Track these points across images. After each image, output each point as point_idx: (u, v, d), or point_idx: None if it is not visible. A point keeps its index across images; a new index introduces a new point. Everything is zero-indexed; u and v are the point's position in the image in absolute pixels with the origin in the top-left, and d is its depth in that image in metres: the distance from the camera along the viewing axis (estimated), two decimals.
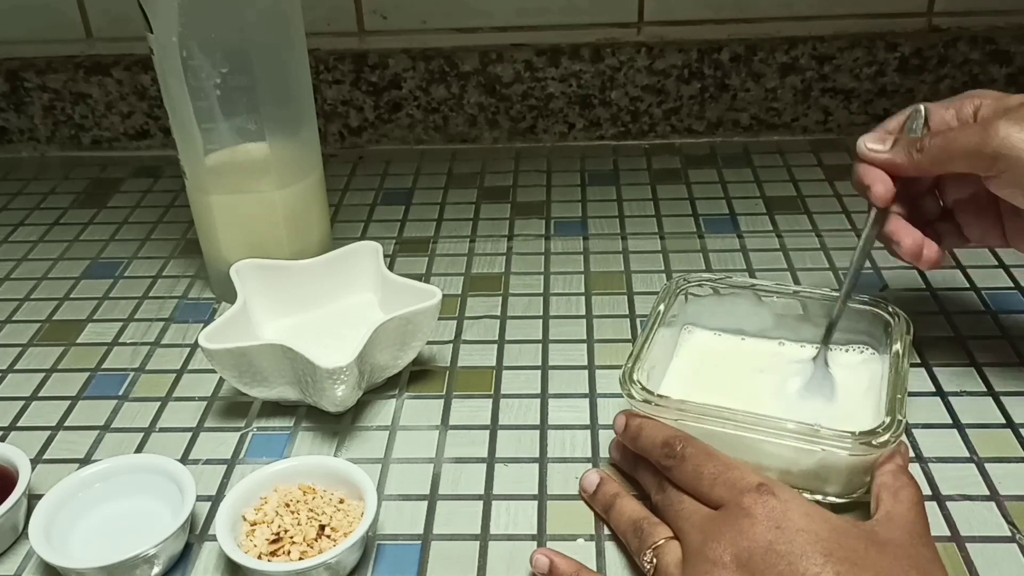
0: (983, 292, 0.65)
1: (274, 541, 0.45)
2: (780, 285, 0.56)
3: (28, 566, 0.47)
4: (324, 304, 0.62)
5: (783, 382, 0.52)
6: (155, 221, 0.80)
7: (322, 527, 0.46)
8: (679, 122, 0.89)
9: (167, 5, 0.56)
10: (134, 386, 0.60)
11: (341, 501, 0.48)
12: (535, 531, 0.48)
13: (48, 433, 0.56)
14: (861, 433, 0.45)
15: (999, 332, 0.61)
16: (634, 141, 0.90)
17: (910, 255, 0.52)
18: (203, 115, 0.59)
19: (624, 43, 0.86)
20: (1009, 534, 0.46)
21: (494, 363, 0.60)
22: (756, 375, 0.53)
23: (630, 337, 0.62)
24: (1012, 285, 0.66)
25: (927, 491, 0.49)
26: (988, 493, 0.49)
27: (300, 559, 0.44)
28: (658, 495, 0.46)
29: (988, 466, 0.50)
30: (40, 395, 0.59)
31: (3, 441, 0.54)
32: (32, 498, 0.49)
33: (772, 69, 0.85)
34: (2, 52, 0.90)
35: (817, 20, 0.85)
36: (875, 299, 0.54)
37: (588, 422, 0.55)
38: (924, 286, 0.66)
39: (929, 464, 0.51)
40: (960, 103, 0.52)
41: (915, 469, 0.50)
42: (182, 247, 0.76)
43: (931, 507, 0.47)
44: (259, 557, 0.44)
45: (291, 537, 0.45)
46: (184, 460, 0.53)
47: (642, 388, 0.48)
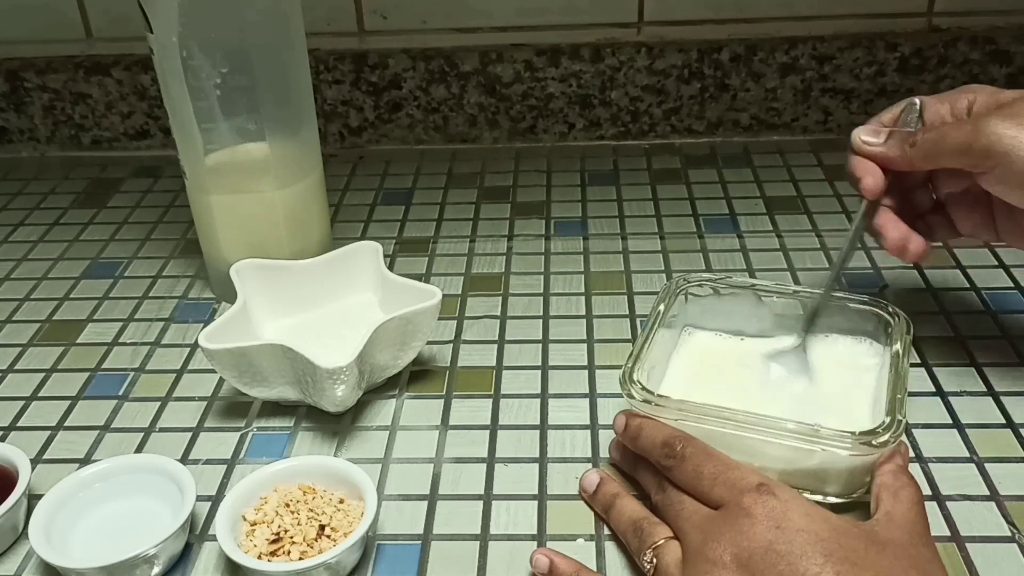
0: (983, 292, 0.65)
1: (274, 541, 0.45)
2: (780, 285, 0.56)
3: (28, 566, 0.47)
4: (324, 304, 0.62)
5: (766, 371, 0.53)
6: (155, 221, 0.80)
7: (322, 527, 0.46)
8: (679, 122, 0.89)
9: (167, 5, 0.56)
10: (134, 386, 0.60)
11: (341, 501, 0.48)
12: (535, 531, 0.48)
13: (48, 433, 0.56)
14: (861, 433, 0.45)
15: (999, 332, 0.61)
16: (634, 141, 0.90)
17: (894, 249, 0.53)
18: (203, 115, 0.59)
19: (624, 43, 0.86)
20: (1009, 534, 0.46)
21: (494, 363, 0.60)
22: (752, 373, 0.53)
23: (630, 337, 0.62)
24: (1012, 285, 0.66)
25: (927, 491, 0.49)
26: (988, 493, 0.49)
27: (300, 559, 0.44)
28: (658, 495, 0.46)
29: (988, 466, 0.50)
30: (40, 395, 0.59)
31: (3, 441, 0.54)
32: (32, 498, 0.49)
33: (772, 69, 0.85)
34: (2, 52, 0.90)
35: (817, 20, 0.85)
36: (875, 299, 0.54)
37: (588, 422, 0.55)
38: (924, 286, 0.66)
39: (929, 464, 0.51)
40: (955, 97, 0.52)
41: (915, 469, 0.50)
42: (182, 247, 0.76)
43: (931, 507, 0.47)
44: (259, 557, 0.44)
45: (291, 537, 0.45)
46: (184, 460, 0.53)
47: (642, 388, 0.48)
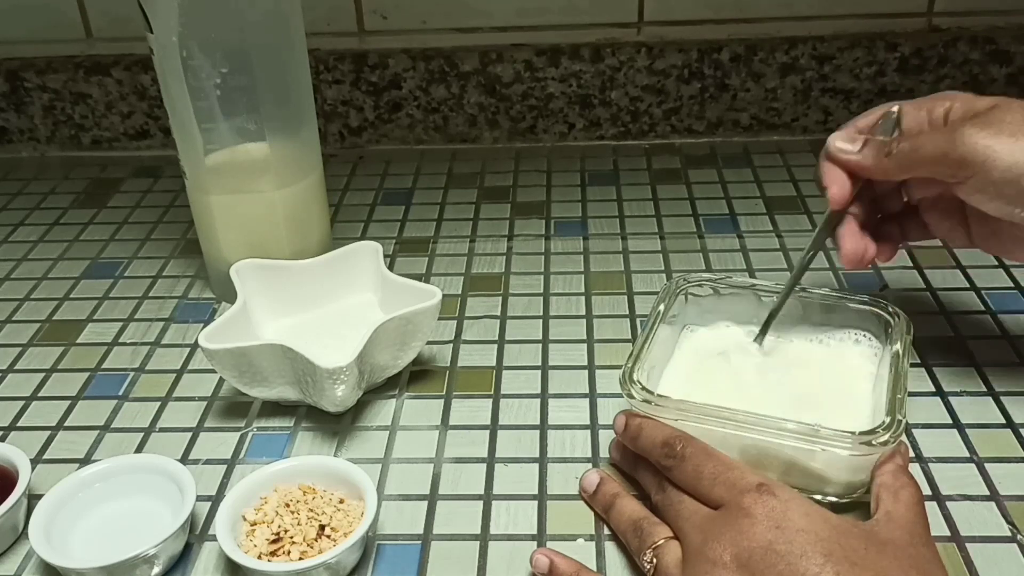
0: (983, 292, 0.65)
1: (274, 541, 0.45)
2: (780, 285, 0.56)
3: (28, 566, 0.47)
4: (324, 304, 0.62)
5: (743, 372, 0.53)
6: (155, 221, 0.80)
7: (322, 527, 0.46)
8: (679, 122, 0.89)
9: (167, 5, 0.56)
10: (134, 386, 0.60)
11: (341, 501, 0.48)
12: (535, 531, 0.48)
13: (48, 433, 0.56)
14: (861, 433, 0.45)
15: (999, 332, 0.61)
16: (634, 141, 0.90)
17: (848, 261, 0.52)
18: (203, 115, 0.59)
19: (624, 43, 0.86)
20: (1009, 534, 0.46)
21: (494, 363, 0.60)
22: (752, 372, 0.53)
23: (630, 337, 0.62)
24: (1012, 285, 0.66)
25: (927, 491, 0.49)
26: (988, 493, 0.49)
27: (300, 559, 0.44)
28: (658, 495, 0.46)
29: (988, 466, 0.50)
30: (40, 395, 0.59)
31: (3, 441, 0.54)
32: (32, 498, 0.49)
33: (772, 69, 0.85)
34: (2, 52, 0.90)
35: (817, 20, 0.85)
36: (875, 299, 0.54)
37: (588, 422, 0.55)
38: (924, 286, 0.66)
39: (929, 464, 0.51)
40: (932, 104, 0.51)
41: (915, 469, 0.50)
42: (182, 247, 0.76)
43: (931, 507, 0.47)
44: (259, 557, 0.44)
45: (291, 537, 0.45)
46: (184, 460, 0.53)
47: (642, 388, 0.48)
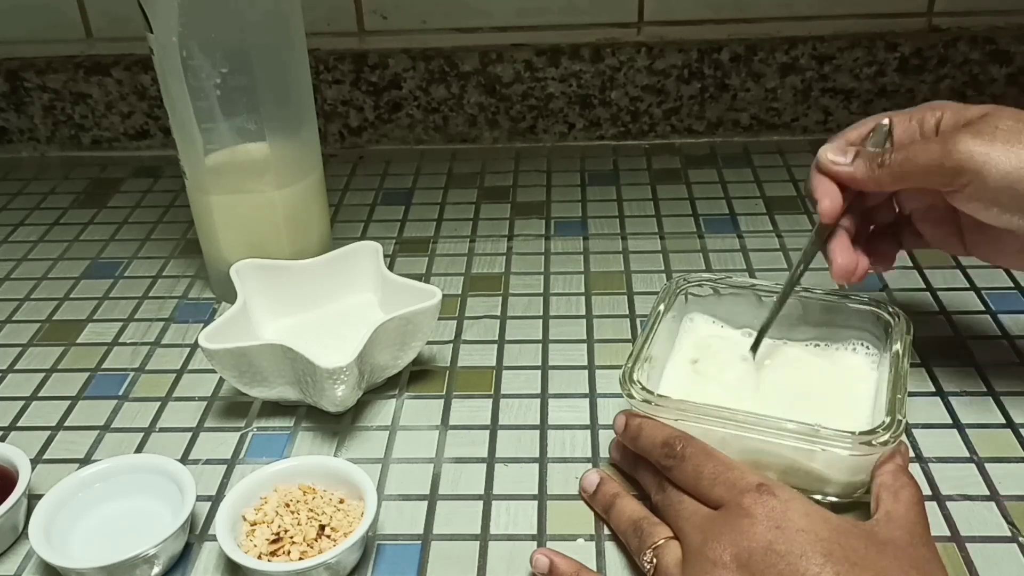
0: (983, 292, 0.65)
1: (274, 541, 0.45)
2: (780, 285, 0.56)
3: (28, 566, 0.47)
4: (324, 304, 0.62)
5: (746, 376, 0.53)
6: (155, 221, 0.80)
7: (322, 527, 0.46)
8: (679, 122, 0.89)
9: (167, 5, 0.56)
10: (134, 386, 0.60)
11: (341, 501, 0.48)
12: (535, 531, 0.48)
13: (48, 433, 0.56)
14: (861, 433, 0.45)
15: (999, 332, 0.61)
16: (634, 141, 0.90)
17: (837, 275, 0.51)
18: (203, 115, 0.59)
19: (624, 43, 0.86)
20: (1009, 534, 0.46)
21: (494, 363, 0.60)
22: (752, 371, 0.53)
23: (630, 337, 0.62)
24: (1012, 285, 0.66)
25: (927, 491, 0.49)
26: (988, 493, 0.49)
27: (300, 559, 0.44)
28: (658, 495, 0.46)
29: (988, 466, 0.50)
30: (40, 395, 0.59)
31: (3, 441, 0.54)
32: (32, 498, 0.49)
33: (772, 69, 0.85)
34: (2, 52, 0.90)
35: (817, 20, 0.85)
36: (875, 299, 0.54)
37: (588, 422, 0.55)
38: (924, 286, 0.66)
39: (929, 464, 0.51)
40: (922, 115, 0.50)
41: (915, 469, 0.50)
42: (182, 247, 0.76)
43: (931, 507, 0.47)
44: (259, 557, 0.44)
45: (291, 537, 0.45)
46: (184, 460, 0.53)
47: (642, 388, 0.48)
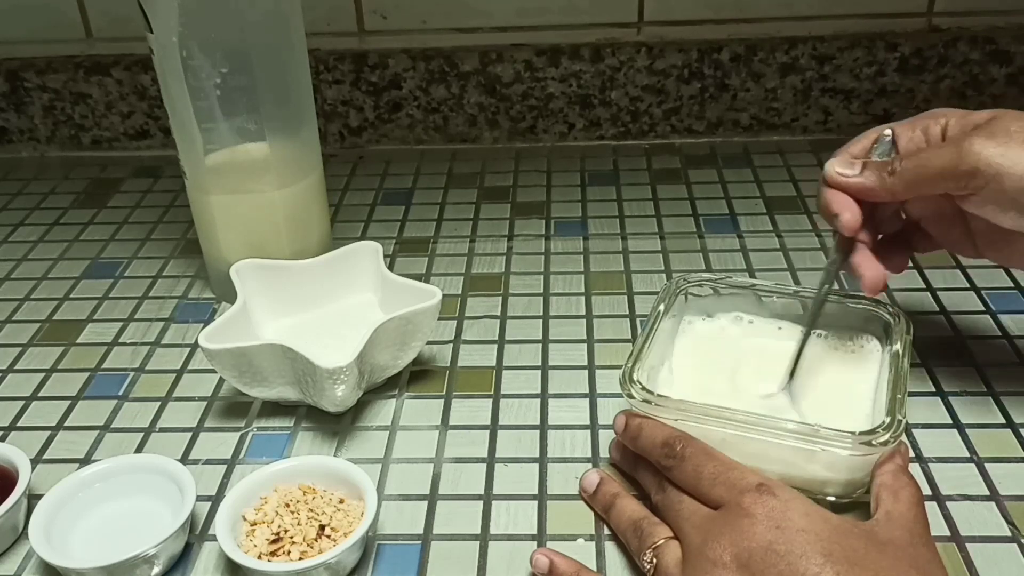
0: (983, 292, 0.65)
1: (274, 541, 0.45)
2: (780, 285, 0.56)
3: (28, 566, 0.47)
4: (324, 304, 0.62)
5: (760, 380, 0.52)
6: (155, 221, 0.80)
7: (322, 527, 0.46)
8: (679, 122, 0.89)
9: (167, 5, 0.56)
10: (134, 386, 0.60)
11: (341, 501, 0.48)
12: (535, 531, 0.48)
13: (48, 433, 0.56)
14: (861, 433, 0.45)
15: (999, 332, 0.61)
16: (634, 141, 0.90)
17: (872, 289, 0.51)
18: (203, 115, 0.59)
19: (624, 43, 0.86)
20: (1009, 534, 0.46)
21: (494, 363, 0.60)
22: (751, 370, 0.53)
23: (630, 337, 0.62)
24: (1012, 285, 0.66)
25: (927, 491, 0.49)
26: (988, 493, 0.49)
27: (300, 559, 0.44)
28: (658, 495, 0.46)
29: (988, 466, 0.50)
30: (40, 395, 0.59)
31: (3, 441, 0.54)
32: (32, 498, 0.49)
33: (772, 69, 0.85)
34: (2, 52, 0.90)
35: (817, 20, 0.85)
36: (875, 299, 0.54)
37: (588, 422, 0.55)
38: (924, 286, 0.66)
39: (929, 464, 0.51)
40: (925, 122, 0.50)
41: (915, 469, 0.50)
42: (182, 247, 0.76)
43: (931, 507, 0.47)
44: (259, 557, 0.44)
45: (291, 537, 0.45)
46: (184, 460, 0.53)
47: (642, 388, 0.48)
